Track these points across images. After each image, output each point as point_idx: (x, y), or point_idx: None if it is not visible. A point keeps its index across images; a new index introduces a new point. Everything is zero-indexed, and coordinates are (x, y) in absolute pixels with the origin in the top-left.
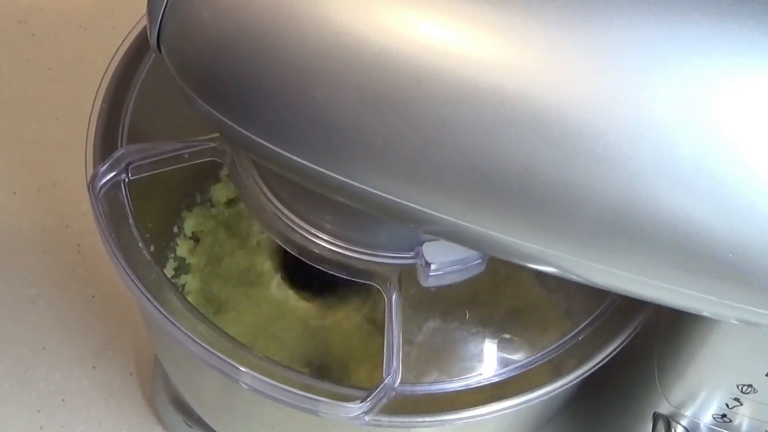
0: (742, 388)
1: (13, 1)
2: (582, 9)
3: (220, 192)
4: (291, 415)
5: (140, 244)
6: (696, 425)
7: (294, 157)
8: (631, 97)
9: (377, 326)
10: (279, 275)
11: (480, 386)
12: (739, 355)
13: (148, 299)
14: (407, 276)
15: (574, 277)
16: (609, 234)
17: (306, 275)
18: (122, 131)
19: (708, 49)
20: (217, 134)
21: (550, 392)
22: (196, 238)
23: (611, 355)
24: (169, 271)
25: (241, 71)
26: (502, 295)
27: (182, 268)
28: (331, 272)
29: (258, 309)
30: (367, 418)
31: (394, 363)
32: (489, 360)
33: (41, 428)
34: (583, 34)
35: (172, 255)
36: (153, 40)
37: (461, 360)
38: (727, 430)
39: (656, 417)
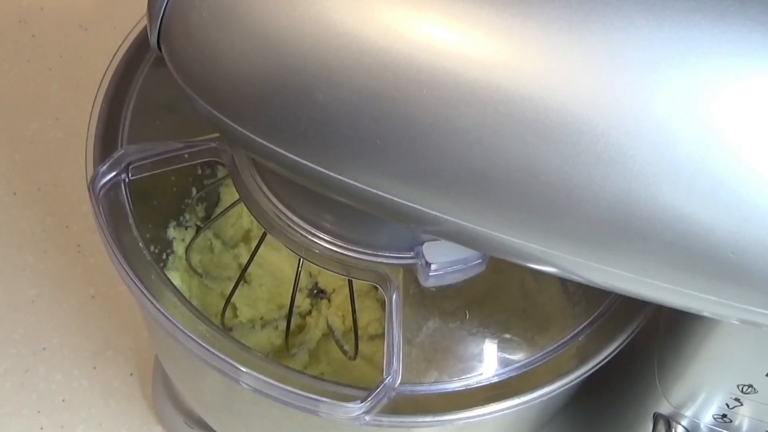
0: (742, 389)
1: (13, 1)
2: (582, 9)
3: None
4: (291, 415)
5: (140, 244)
6: (696, 425)
7: (294, 157)
8: (631, 97)
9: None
10: None
11: (480, 386)
12: (739, 356)
13: (148, 299)
14: (407, 276)
15: (575, 277)
16: (609, 234)
17: None
18: (122, 131)
19: (708, 49)
20: (217, 134)
21: (550, 392)
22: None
23: (611, 355)
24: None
25: (241, 71)
26: (502, 295)
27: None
28: (332, 272)
29: None
30: (367, 418)
31: (395, 363)
32: (489, 360)
33: (41, 428)
34: (583, 34)
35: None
36: (153, 40)
37: (461, 360)
38: (727, 430)
39: (656, 417)
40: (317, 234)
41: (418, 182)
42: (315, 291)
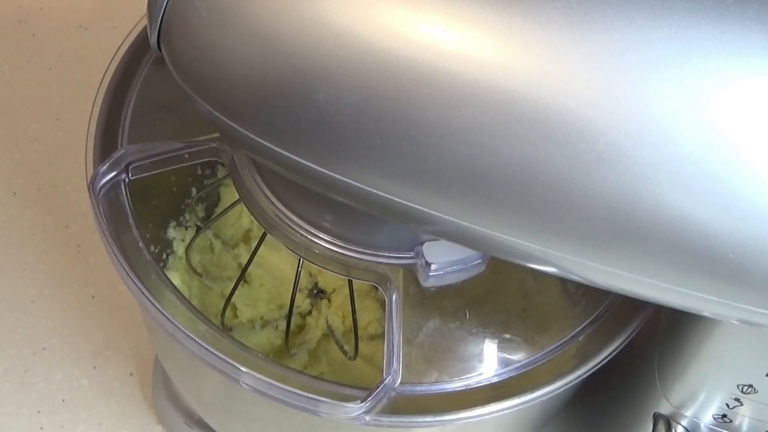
0: (742, 389)
1: (13, 1)
2: (582, 9)
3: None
4: (291, 415)
5: (140, 244)
6: (696, 425)
7: (294, 157)
8: (631, 97)
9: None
10: None
11: (480, 386)
12: (739, 356)
13: (148, 299)
14: (407, 276)
15: (575, 277)
16: (609, 234)
17: None
18: (122, 131)
19: (708, 49)
20: (217, 134)
21: (550, 392)
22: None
23: (611, 355)
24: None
25: (241, 71)
26: (502, 295)
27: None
28: (332, 272)
29: None
30: (367, 418)
31: (395, 363)
32: (489, 360)
33: (41, 428)
34: (583, 34)
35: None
36: (153, 40)
37: (461, 360)
38: (727, 430)
39: (656, 417)
40: (317, 234)
41: (419, 182)
42: (315, 291)
